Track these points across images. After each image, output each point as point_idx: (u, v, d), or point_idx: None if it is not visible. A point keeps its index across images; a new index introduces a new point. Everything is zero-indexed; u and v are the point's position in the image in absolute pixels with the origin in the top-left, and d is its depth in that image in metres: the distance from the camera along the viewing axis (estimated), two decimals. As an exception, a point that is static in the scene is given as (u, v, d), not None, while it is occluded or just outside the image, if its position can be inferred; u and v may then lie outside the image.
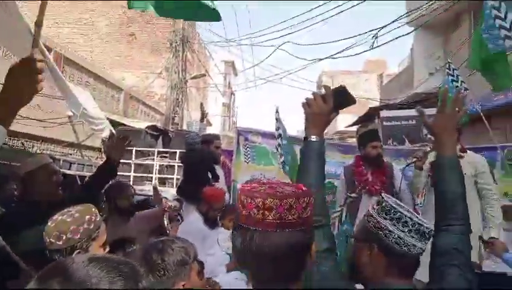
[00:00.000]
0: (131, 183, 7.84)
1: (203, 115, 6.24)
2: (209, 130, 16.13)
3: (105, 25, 17.15)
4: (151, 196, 5.66)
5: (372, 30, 7.20)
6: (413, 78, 13.82)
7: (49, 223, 1.57)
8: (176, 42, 14.37)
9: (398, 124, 12.27)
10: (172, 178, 7.92)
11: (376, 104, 17.78)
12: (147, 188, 7.37)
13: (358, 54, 15.74)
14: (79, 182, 6.96)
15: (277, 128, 4.29)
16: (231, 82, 27.51)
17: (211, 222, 3.72)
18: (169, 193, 6.36)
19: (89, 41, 16.97)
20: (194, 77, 15.05)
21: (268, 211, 0.88)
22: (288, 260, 0.90)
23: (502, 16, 3.60)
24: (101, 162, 9.73)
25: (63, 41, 13.92)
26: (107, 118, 9.51)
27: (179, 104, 14.36)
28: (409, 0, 12.63)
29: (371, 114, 15.33)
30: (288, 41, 20.50)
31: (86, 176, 5.24)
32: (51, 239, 1.52)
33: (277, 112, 4.32)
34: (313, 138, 1.29)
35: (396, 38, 10.63)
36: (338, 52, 9.88)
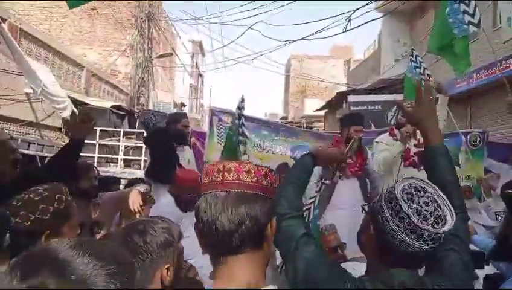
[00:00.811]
0: (95, 164, 7.55)
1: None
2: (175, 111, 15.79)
3: (65, -2, 16.16)
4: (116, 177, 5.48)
5: (344, 13, 7.18)
6: (380, 63, 14.12)
7: (14, 202, 1.41)
8: (141, 18, 13.77)
9: (365, 108, 12.57)
10: (140, 160, 7.68)
11: (343, 89, 18.08)
12: (112, 170, 7.11)
13: (331, 36, 15.87)
14: (39, 163, 6.58)
15: (239, 117, 3.94)
16: (199, 63, 26.95)
17: (185, 205, 3.62)
18: (137, 174, 6.17)
19: (47, 14, 15.95)
20: (161, 56, 14.56)
21: (228, 173, 0.93)
22: (246, 224, 0.90)
23: (466, 0, 3.66)
24: (62, 143, 9.30)
25: (19, 13, 12.96)
26: (69, 97, 9.04)
27: (145, 83, 13.87)
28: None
29: (339, 99, 15.59)
30: (260, 21, 20.21)
31: (46, 157, 4.94)
32: (18, 219, 1.37)
33: (243, 100, 3.98)
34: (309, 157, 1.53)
35: (367, 22, 10.71)
36: (312, 34, 9.84)
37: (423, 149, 1.49)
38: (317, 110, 18.39)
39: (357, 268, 1.58)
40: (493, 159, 5.50)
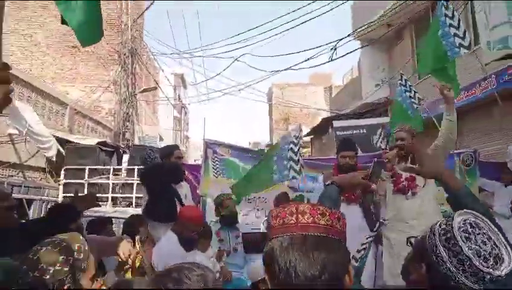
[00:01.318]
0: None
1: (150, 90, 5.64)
2: (161, 145, 15.63)
3: (45, 37, 16.12)
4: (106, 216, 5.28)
5: (329, 43, 7.41)
6: (361, 89, 14.47)
7: (30, 256, 1.33)
8: (125, 54, 13.82)
9: (350, 133, 12.74)
10: (131, 197, 7.48)
11: (326, 115, 18.38)
12: (103, 210, 6.89)
13: (318, 65, 16.29)
14: (26, 205, 6.34)
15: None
16: (181, 95, 27.04)
17: (188, 244, 3.49)
18: (128, 212, 5.99)
19: (27, 53, 15.84)
20: (145, 90, 14.54)
21: (302, 215, 0.90)
22: (328, 269, 0.84)
23: (455, 24, 3.81)
24: (46, 184, 8.96)
25: (-2, 53, 12.82)
26: (53, 135, 8.85)
27: (129, 118, 13.76)
28: (355, 17, 13.29)
29: (324, 125, 15.80)
30: (247, 53, 20.71)
31: (33, 200, 4.76)
32: (36, 273, 1.29)
33: (300, 130, 4.45)
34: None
35: (351, 52, 11.06)
36: (297, 64, 10.05)
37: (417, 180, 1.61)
38: (303, 136, 18.56)
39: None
40: (485, 178, 5.59)
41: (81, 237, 1.51)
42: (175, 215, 3.76)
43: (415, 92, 5.15)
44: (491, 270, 1.03)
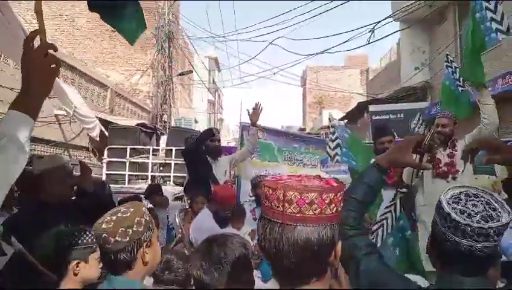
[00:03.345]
0: (126, 182, 7.68)
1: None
2: (196, 128, 15.98)
3: (86, 21, 16.69)
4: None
5: (366, 25, 7.24)
6: (399, 73, 14.02)
7: (104, 226, 1.40)
8: (162, 38, 14.10)
9: (387, 117, 12.44)
10: (169, 176, 7.78)
11: (361, 99, 18.00)
12: (144, 186, 7.24)
13: (355, 48, 15.89)
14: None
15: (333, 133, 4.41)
16: (215, 78, 27.29)
17: (221, 221, 3.68)
18: (168, 191, 6.25)
19: (70, 38, 16.49)
20: (181, 74, 14.82)
21: (289, 204, 0.86)
22: (307, 255, 0.87)
23: (492, 7, 3.63)
24: (90, 162, 9.45)
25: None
26: (96, 117, 9.28)
27: (166, 101, 14.12)
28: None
29: (359, 109, 15.52)
30: (282, 36, 20.59)
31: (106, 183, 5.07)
32: (117, 238, 1.37)
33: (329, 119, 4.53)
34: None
35: (391, 34, 10.70)
36: (334, 46, 9.87)
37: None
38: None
39: (420, 282, 1.59)
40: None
41: (141, 203, 1.62)
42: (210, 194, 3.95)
43: (460, 76, 4.96)
44: (470, 222, 1.07)
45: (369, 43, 7.27)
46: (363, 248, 1.25)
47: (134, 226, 1.41)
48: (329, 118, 4.70)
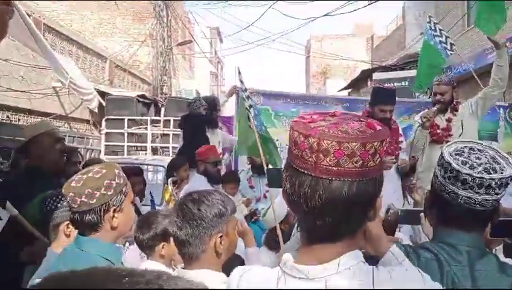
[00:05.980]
0: (125, 153, 7.67)
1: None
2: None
3: (84, -9, 16.27)
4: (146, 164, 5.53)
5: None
6: (405, 38, 13.65)
7: (73, 184, 1.36)
8: (160, 6, 13.72)
9: (391, 85, 12.21)
10: (168, 147, 7.76)
11: (367, 67, 17.61)
12: (142, 157, 7.22)
13: (355, 10, 15.43)
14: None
15: (244, 90, 3.55)
16: (217, 48, 26.83)
17: (213, 178, 3.75)
18: (165, 162, 6.22)
19: (67, 9, 16.14)
20: (181, 44, 14.53)
21: (324, 155, 0.72)
22: (344, 214, 0.75)
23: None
24: (90, 135, 9.43)
25: (40, 8, 13.16)
26: (94, 88, 9.18)
27: (166, 72, 13.90)
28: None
29: (363, 77, 15.22)
30: (280, -1, 19.76)
31: (78, 148, 5.03)
32: (82, 199, 1.33)
33: (239, 72, 3.66)
34: None
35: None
36: (337, 9, 9.54)
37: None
38: (341, 90, 18.00)
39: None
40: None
41: (116, 164, 1.55)
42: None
43: (446, 36, 4.72)
44: (471, 172, 1.02)
45: (374, 1, 6.94)
46: None
47: (103, 188, 1.35)
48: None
